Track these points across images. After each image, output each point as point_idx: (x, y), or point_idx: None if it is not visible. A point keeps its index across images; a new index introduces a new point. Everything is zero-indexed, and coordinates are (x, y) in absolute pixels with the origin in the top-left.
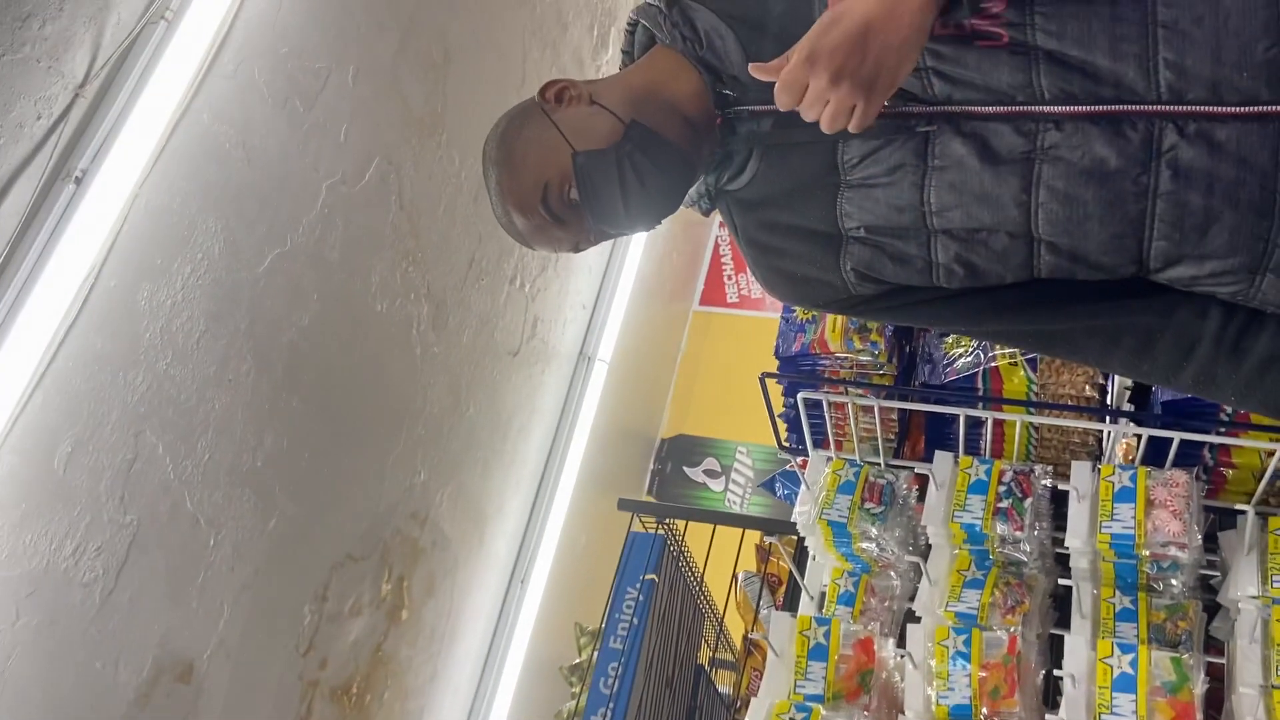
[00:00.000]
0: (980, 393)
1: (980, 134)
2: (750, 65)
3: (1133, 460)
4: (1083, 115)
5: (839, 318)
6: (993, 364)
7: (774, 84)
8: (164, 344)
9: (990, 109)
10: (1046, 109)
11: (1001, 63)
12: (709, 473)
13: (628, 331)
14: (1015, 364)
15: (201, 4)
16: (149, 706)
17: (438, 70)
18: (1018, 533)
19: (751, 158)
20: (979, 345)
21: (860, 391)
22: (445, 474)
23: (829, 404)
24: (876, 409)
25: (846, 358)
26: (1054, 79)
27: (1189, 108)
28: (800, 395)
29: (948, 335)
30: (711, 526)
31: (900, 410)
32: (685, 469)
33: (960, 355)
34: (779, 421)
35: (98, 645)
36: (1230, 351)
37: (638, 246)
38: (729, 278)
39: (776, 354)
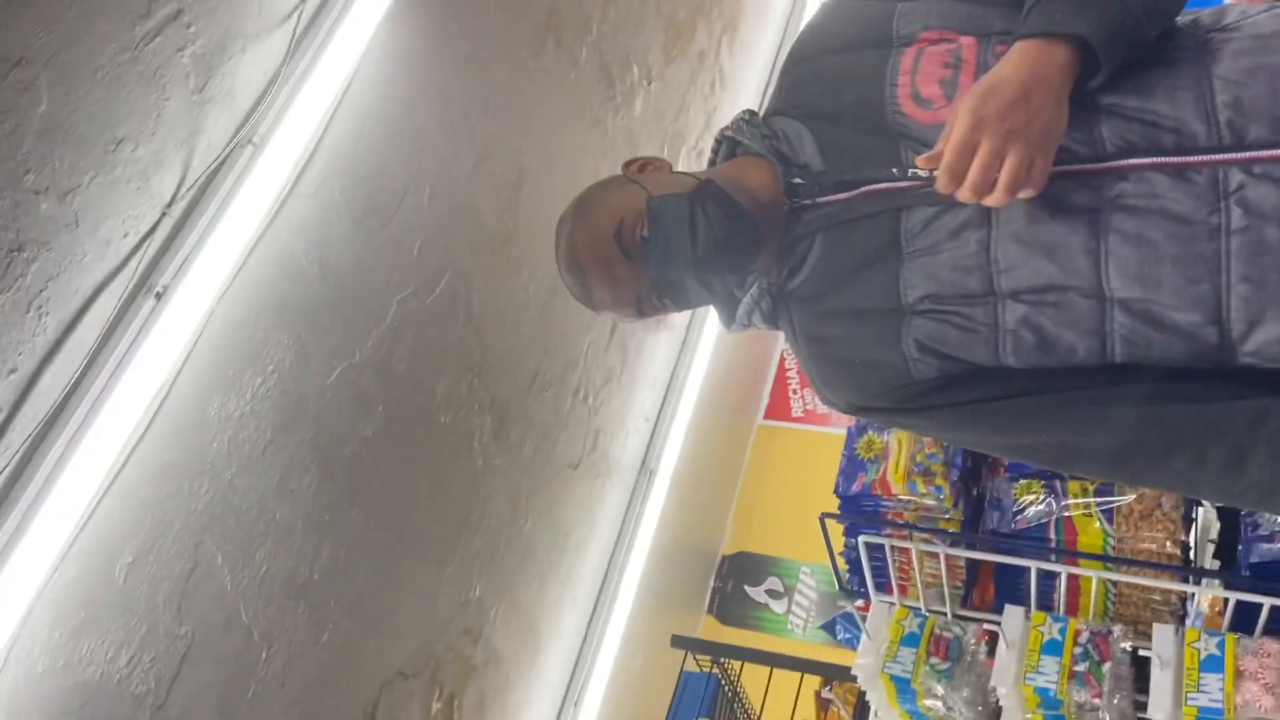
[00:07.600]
0: (1053, 544)
1: (1046, 191)
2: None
3: (1219, 621)
4: (1146, 166)
5: (901, 456)
6: (1066, 514)
7: (844, 170)
8: (230, 454)
9: (1055, 169)
10: (1108, 164)
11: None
12: (771, 593)
13: (690, 445)
14: (1090, 515)
15: (287, 130)
16: None
17: (511, 189)
18: (1096, 700)
19: (814, 246)
20: (1050, 493)
21: (925, 537)
22: (500, 589)
23: (892, 548)
24: (942, 556)
25: (910, 500)
26: (1114, 130)
27: (1252, 153)
28: (861, 538)
29: (1017, 480)
30: (768, 668)
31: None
32: (747, 588)
33: (1031, 503)
34: (839, 561)
35: None
36: None
37: (702, 357)
38: (794, 392)
39: (837, 492)
